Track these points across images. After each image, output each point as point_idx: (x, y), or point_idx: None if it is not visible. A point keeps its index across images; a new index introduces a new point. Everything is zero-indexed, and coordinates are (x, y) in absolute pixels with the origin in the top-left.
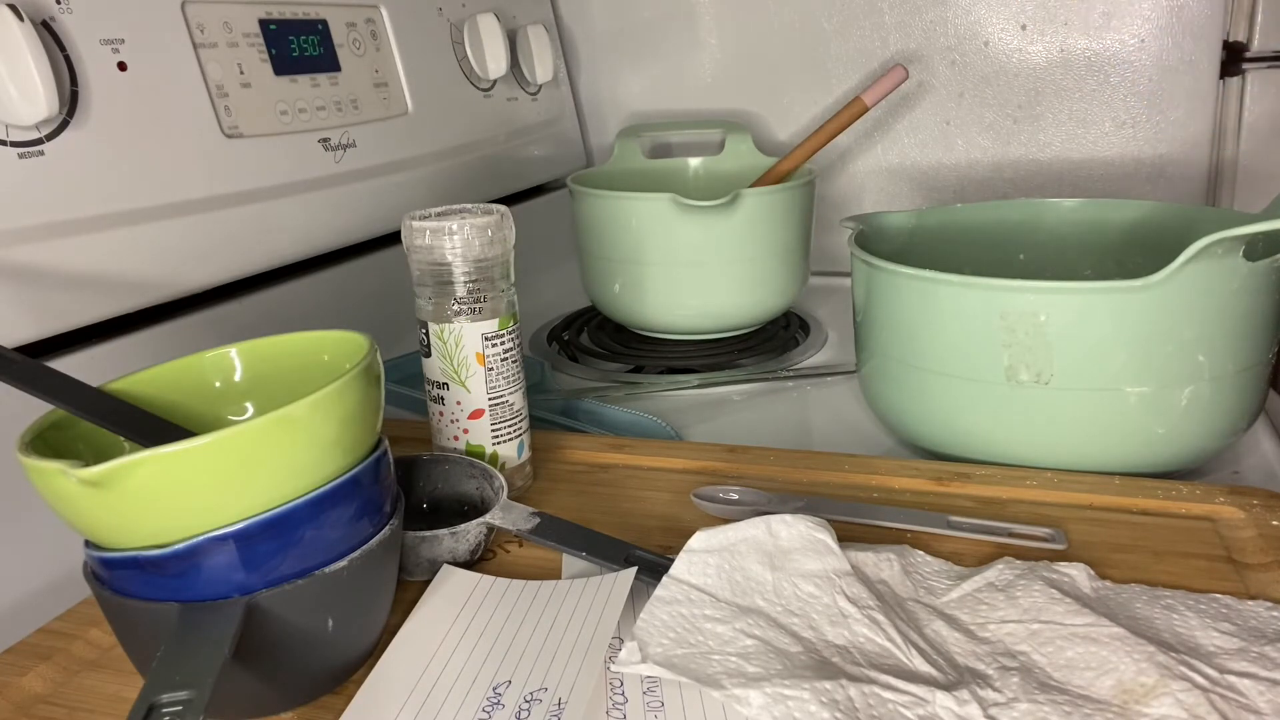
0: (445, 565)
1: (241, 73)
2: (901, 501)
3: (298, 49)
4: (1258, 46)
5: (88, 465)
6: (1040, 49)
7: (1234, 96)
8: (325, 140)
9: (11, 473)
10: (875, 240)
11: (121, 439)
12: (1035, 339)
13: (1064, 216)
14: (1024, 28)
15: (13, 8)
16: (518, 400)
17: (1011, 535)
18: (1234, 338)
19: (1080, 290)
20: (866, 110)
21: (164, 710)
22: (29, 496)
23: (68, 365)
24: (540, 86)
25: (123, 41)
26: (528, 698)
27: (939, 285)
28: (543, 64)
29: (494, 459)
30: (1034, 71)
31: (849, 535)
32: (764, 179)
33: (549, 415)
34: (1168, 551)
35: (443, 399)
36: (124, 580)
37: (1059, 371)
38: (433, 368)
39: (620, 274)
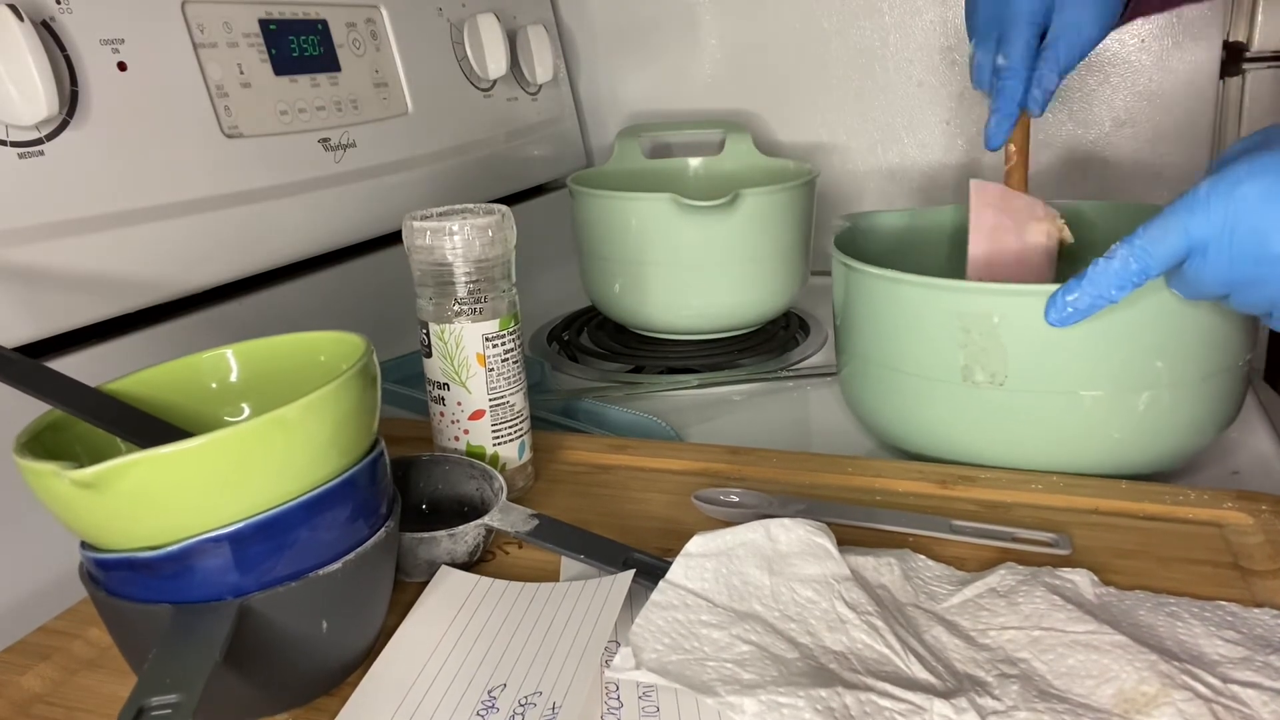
0: (443, 566)
1: (241, 73)
2: (904, 505)
3: (298, 49)
4: (1258, 46)
5: (82, 466)
6: None
7: (1234, 96)
8: (325, 140)
9: (11, 473)
10: (868, 240)
11: (118, 440)
12: (990, 340)
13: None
14: None
15: (13, 8)
16: (518, 401)
17: (1015, 540)
18: (1197, 344)
19: (1032, 292)
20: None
21: (153, 713)
22: (29, 497)
23: (68, 365)
24: (540, 86)
25: (123, 41)
26: (522, 702)
27: (901, 285)
28: (543, 64)
29: (495, 460)
30: None
31: (850, 539)
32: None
33: (549, 415)
34: (1173, 557)
35: (443, 399)
36: (118, 581)
37: (1013, 373)
38: (433, 368)
39: (620, 274)
